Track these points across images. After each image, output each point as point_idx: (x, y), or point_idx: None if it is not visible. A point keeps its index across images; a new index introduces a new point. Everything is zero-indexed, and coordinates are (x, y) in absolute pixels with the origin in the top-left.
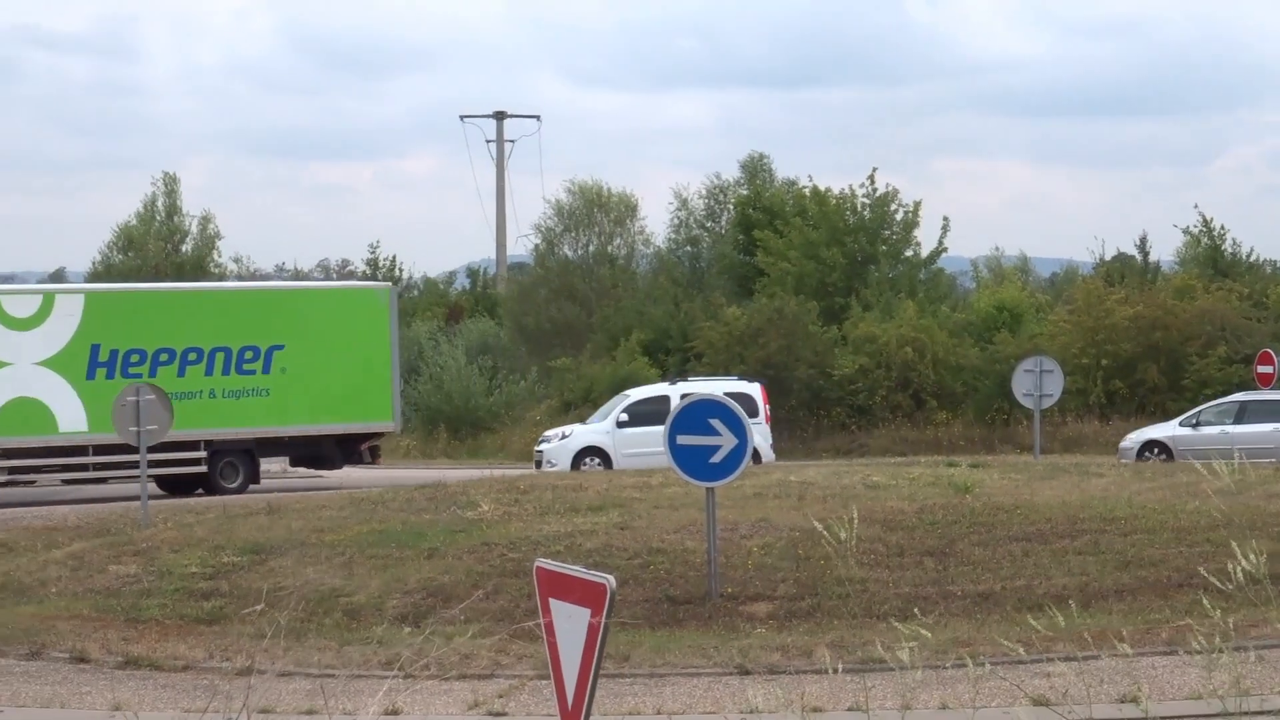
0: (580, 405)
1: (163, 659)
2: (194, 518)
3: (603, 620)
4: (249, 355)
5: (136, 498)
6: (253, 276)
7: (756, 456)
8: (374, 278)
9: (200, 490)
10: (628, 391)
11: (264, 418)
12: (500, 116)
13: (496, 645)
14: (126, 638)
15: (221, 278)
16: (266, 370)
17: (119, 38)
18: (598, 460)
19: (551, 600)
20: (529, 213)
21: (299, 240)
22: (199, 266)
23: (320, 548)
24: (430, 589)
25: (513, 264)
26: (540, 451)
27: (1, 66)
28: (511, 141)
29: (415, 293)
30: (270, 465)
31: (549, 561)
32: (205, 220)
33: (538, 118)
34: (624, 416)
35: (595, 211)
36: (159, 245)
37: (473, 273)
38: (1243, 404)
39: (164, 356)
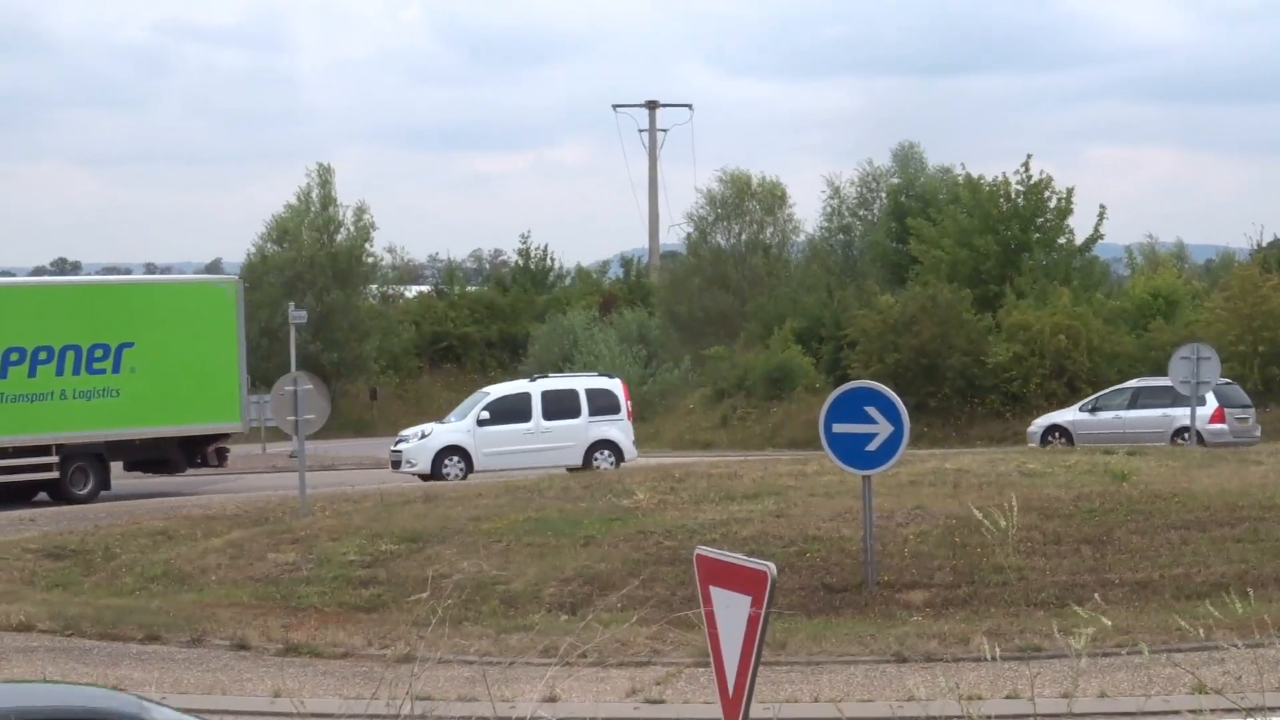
0: (734, 393)
1: (322, 646)
2: (351, 506)
3: (764, 608)
4: (99, 354)
5: None
6: (406, 267)
7: (618, 453)
8: (526, 268)
9: (44, 495)
10: (487, 389)
11: (115, 419)
12: (652, 106)
13: (653, 633)
14: (286, 625)
15: (375, 268)
16: (116, 369)
17: (270, 30)
18: (459, 459)
19: (712, 588)
20: (681, 201)
21: (451, 231)
22: (353, 257)
23: (477, 536)
24: (587, 577)
25: (665, 253)
26: (398, 451)
27: (155, 60)
28: (664, 131)
29: (568, 282)
30: None
31: (709, 549)
32: (360, 211)
33: (689, 107)
34: (485, 414)
35: (746, 200)
36: (313, 236)
37: (626, 262)
38: (1136, 390)
39: (14, 356)
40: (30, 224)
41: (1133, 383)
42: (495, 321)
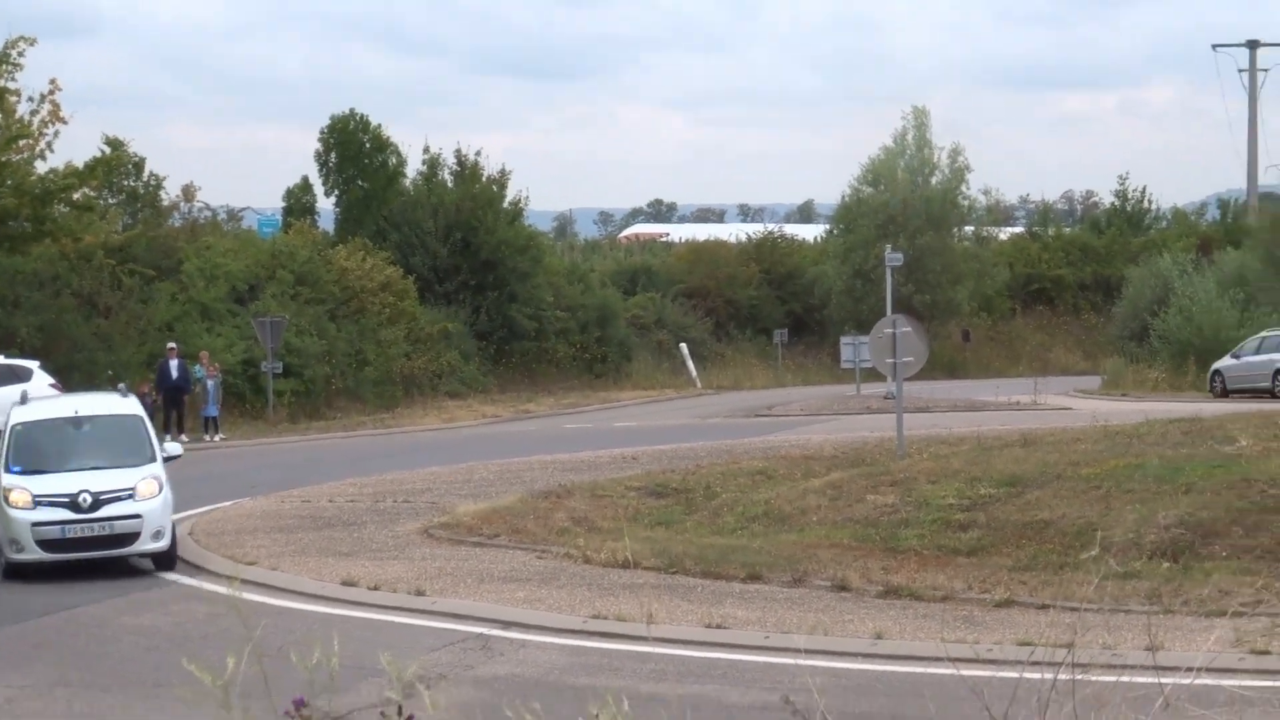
0: None
1: (922, 589)
2: (948, 449)
3: None
4: None
5: None
6: (999, 209)
7: None
8: (1122, 210)
9: None
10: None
11: None
12: (1253, 45)
13: (1259, 583)
14: (886, 567)
15: (969, 210)
16: None
17: None
18: None
19: None
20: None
21: (1042, 172)
22: (947, 200)
23: (1075, 481)
24: (1188, 524)
25: (1263, 194)
26: None
27: (742, 3)
28: (1264, 70)
29: (1164, 224)
30: None
31: None
32: (954, 153)
33: None
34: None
35: None
36: (908, 178)
37: (1222, 204)
38: (1263, 339)
39: None
40: (627, 167)
41: (1263, 333)
42: (1089, 264)
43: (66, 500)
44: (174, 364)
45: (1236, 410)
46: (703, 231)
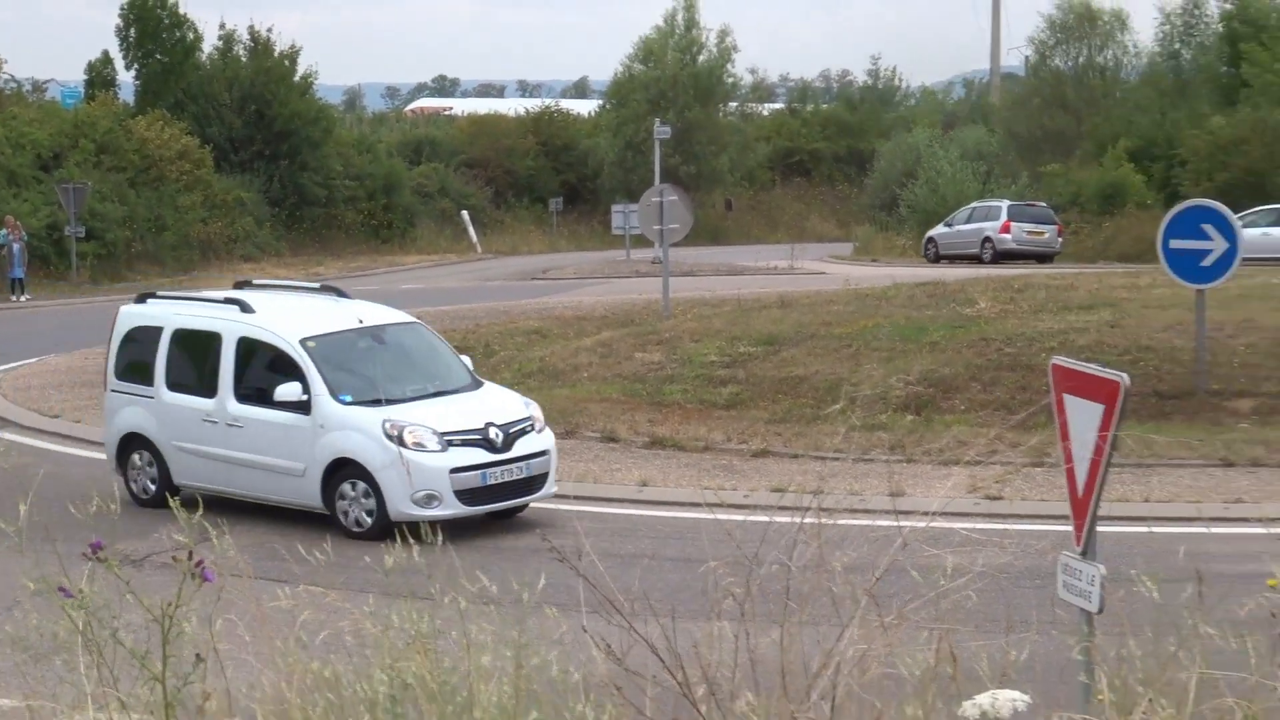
0: (1068, 208)
1: (685, 440)
2: (711, 310)
3: (1115, 416)
4: None
5: None
6: (762, 86)
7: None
8: (874, 88)
9: None
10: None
11: None
12: None
13: (994, 434)
14: (652, 420)
15: (735, 89)
16: None
17: None
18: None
19: (1065, 396)
20: (1022, 25)
21: (802, 52)
22: (714, 77)
23: (828, 340)
24: (931, 380)
25: (1005, 74)
26: None
27: None
28: None
29: (913, 101)
30: None
31: (1065, 359)
32: (723, 33)
33: None
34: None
35: (1085, 25)
36: (677, 57)
37: (967, 84)
38: (973, 209)
39: None
40: (411, 43)
41: (975, 203)
42: (844, 138)
43: (478, 438)
44: None
45: (977, 274)
46: (484, 106)
